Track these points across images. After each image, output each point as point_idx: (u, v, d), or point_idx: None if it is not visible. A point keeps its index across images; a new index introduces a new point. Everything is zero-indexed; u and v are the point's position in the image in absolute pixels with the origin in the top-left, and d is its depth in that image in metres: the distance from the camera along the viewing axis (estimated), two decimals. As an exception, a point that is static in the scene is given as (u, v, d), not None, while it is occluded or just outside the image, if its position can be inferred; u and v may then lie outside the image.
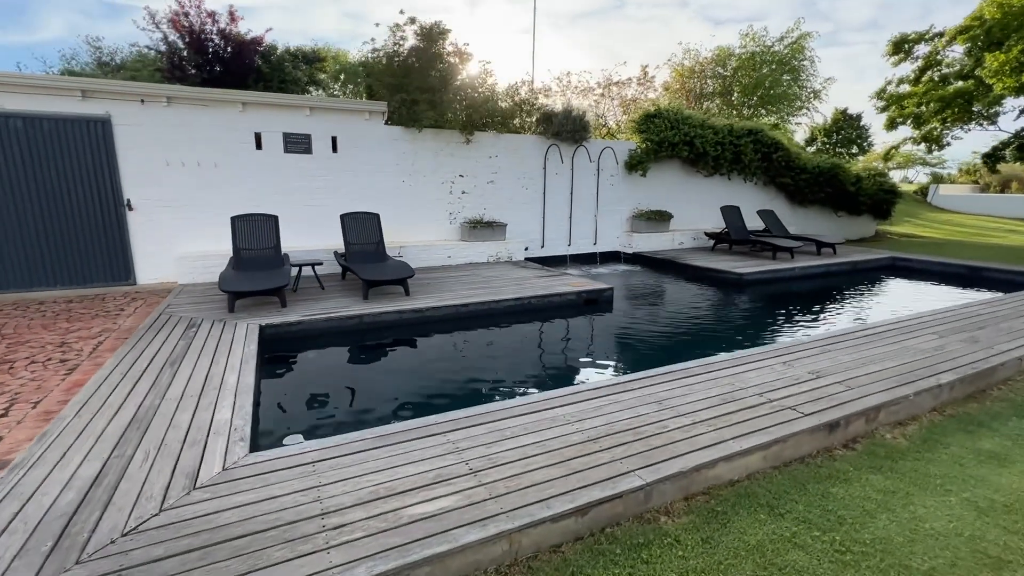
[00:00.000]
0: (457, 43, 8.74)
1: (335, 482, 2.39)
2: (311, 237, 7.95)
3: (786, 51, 19.77)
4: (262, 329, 4.90)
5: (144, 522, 2.10)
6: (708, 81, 21.77)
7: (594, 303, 6.82)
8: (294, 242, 7.67)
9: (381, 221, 7.42)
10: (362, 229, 7.22)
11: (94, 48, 11.60)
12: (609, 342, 5.78)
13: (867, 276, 9.39)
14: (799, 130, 25.92)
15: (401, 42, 8.43)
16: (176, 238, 7.19)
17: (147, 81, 8.93)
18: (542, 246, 10.18)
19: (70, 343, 4.54)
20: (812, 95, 20.91)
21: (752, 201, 12.44)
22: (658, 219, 10.88)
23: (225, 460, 2.58)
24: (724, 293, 8.05)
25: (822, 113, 25.23)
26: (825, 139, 29.75)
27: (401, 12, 8.40)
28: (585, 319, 6.45)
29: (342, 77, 12.46)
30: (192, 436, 2.83)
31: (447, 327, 5.85)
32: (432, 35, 8.56)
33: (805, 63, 20.29)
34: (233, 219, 6.44)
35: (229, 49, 10.26)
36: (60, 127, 6.38)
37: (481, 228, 8.96)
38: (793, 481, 2.70)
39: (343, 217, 7.14)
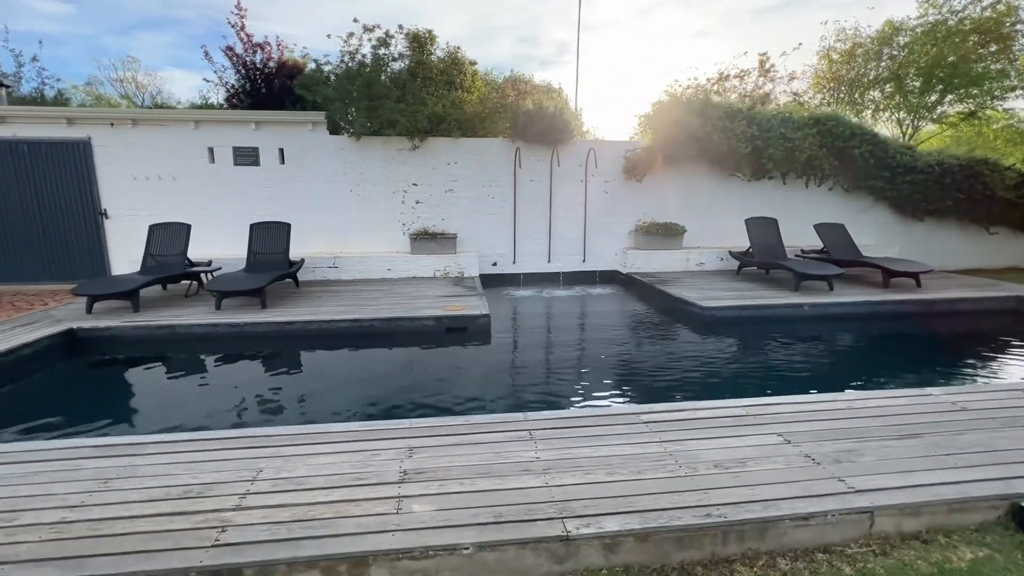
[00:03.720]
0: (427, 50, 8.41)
1: None
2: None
3: (988, 15, 14.45)
4: (73, 331, 5.14)
5: None
6: (871, 64, 17.23)
7: (462, 331, 5.73)
8: (239, 250, 8.04)
9: (291, 231, 7.35)
10: (269, 239, 7.25)
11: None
12: (423, 382, 4.70)
13: (958, 323, 6.29)
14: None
15: (356, 50, 8.33)
16: (142, 242, 8.11)
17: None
18: (513, 262, 9.10)
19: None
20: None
21: (826, 212, 9.43)
22: (664, 234, 8.89)
23: None
24: (673, 331, 6.13)
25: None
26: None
27: (355, 20, 8.31)
28: (440, 350, 5.44)
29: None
30: None
31: (268, 345, 5.44)
32: (386, 40, 8.31)
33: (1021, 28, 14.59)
34: (150, 228, 7.01)
35: (275, 74, 11.43)
36: (54, 149, 7.70)
37: (424, 240, 8.35)
38: None
39: (252, 227, 7.26)
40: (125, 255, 7.92)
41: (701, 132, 8.53)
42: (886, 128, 16.86)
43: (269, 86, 10.44)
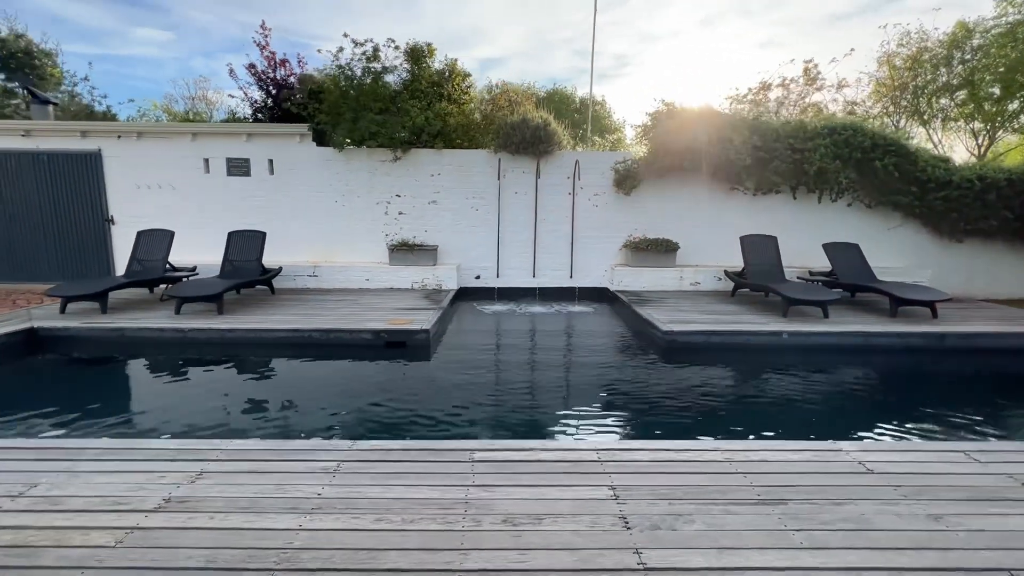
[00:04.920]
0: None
1: None
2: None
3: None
4: (35, 330, 5.45)
5: None
6: (940, 70, 15.64)
7: (401, 346, 5.57)
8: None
9: (266, 240, 7.52)
10: (245, 247, 7.44)
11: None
12: (332, 398, 4.56)
13: (969, 363, 5.41)
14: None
15: (348, 64, 8.50)
16: (143, 248, 8.62)
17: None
18: (497, 275, 8.87)
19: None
20: None
21: (845, 230, 8.54)
22: (655, 250, 8.36)
23: None
24: (626, 356, 5.67)
25: None
26: None
27: (345, 35, 8.51)
28: (372, 364, 5.29)
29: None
30: None
31: (207, 351, 5.50)
32: (374, 54, 8.44)
33: None
34: (138, 234, 7.39)
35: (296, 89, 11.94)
36: (70, 160, 8.35)
37: (403, 251, 8.30)
38: None
39: (230, 234, 7.49)
40: (127, 260, 8.41)
41: (696, 143, 7.98)
42: (959, 139, 15.25)
43: (292, 100, 10.91)
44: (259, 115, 11.44)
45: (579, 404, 4.26)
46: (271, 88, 10.88)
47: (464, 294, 8.64)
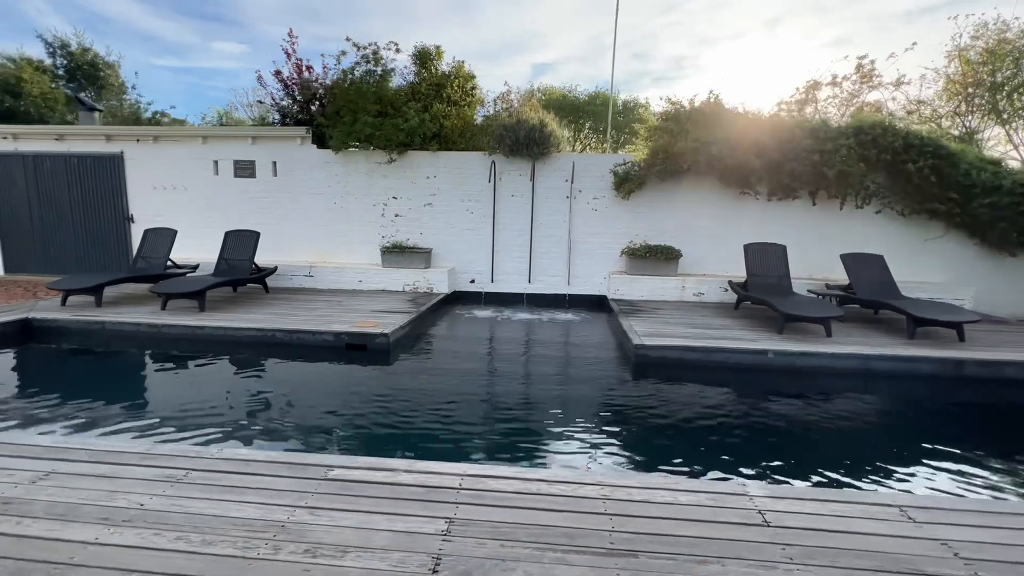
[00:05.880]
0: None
1: None
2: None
3: None
4: (30, 320, 5.80)
5: None
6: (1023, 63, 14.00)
7: (361, 349, 5.48)
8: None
9: (259, 239, 7.68)
10: (240, 246, 7.64)
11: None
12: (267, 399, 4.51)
13: (986, 395, 4.68)
14: None
15: (352, 68, 8.62)
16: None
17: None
18: (492, 280, 8.67)
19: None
20: None
21: (874, 240, 7.73)
22: (655, 257, 7.88)
23: None
24: (594, 371, 5.29)
25: None
26: None
27: (347, 39, 8.63)
28: (330, 366, 5.24)
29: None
30: None
31: (177, 347, 5.64)
32: (374, 57, 8.51)
33: None
34: (145, 232, 7.76)
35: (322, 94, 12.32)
36: (97, 162, 8.93)
37: (394, 254, 8.27)
38: None
39: (227, 234, 7.71)
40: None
41: (698, 145, 7.47)
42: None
43: (321, 105, 11.24)
44: (286, 120, 11.86)
45: (503, 423, 3.96)
46: (297, 94, 11.23)
47: (456, 298, 8.51)
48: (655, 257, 7.87)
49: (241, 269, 7.48)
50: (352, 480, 2.42)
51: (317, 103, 10.32)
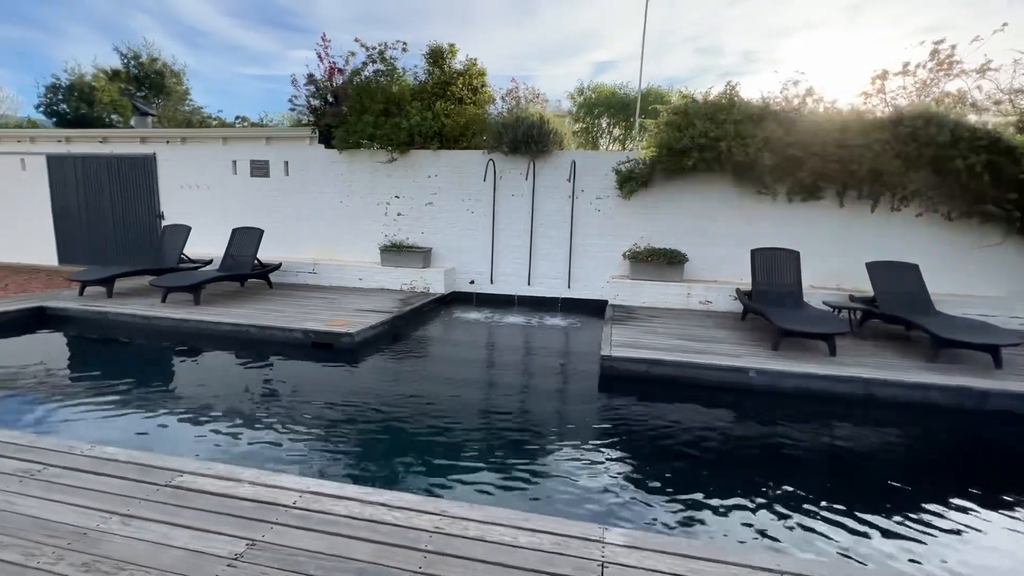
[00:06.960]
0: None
1: None
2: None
3: None
4: (44, 308, 6.30)
5: None
6: None
7: (328, 348, 5.49)
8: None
9: (262, 236, 7.92)
10: (245, 242, 7.93)
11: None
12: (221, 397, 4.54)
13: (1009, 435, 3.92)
14: None
15: (360, 69, 8.74)
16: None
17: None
18: (491, 281, 8.48)
19: (-13, 298, 6.99)
20: None
21: (913, 246, 6.83)
22: (657, 261, 7.37)
23: None
24: (558, 384, 4.99)
25: None
26: None
27: (356, 40, 8.74)
28: (290, 364, 5.27)
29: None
30: None
31: (163, 338, 5.88)
32: (379, 56, 8.57)
33: None
34: (164, 228, 8.25)
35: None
36: (134, 163, 9.63)
37: (392, 253, 8.28)
38: None
39: (233, 231, 8.03)
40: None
41: (707, 141, 6.89)
42: None
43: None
44: (319, 122, 12.28)
45: (410, 436, 3.73)
46: (328, 96, 11.57)
47: (454, 299, 8.40)
48: (658, 261, 7.37)
49: (244, 265, 7.76)
50: (191, 489, 2.32)
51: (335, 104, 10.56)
